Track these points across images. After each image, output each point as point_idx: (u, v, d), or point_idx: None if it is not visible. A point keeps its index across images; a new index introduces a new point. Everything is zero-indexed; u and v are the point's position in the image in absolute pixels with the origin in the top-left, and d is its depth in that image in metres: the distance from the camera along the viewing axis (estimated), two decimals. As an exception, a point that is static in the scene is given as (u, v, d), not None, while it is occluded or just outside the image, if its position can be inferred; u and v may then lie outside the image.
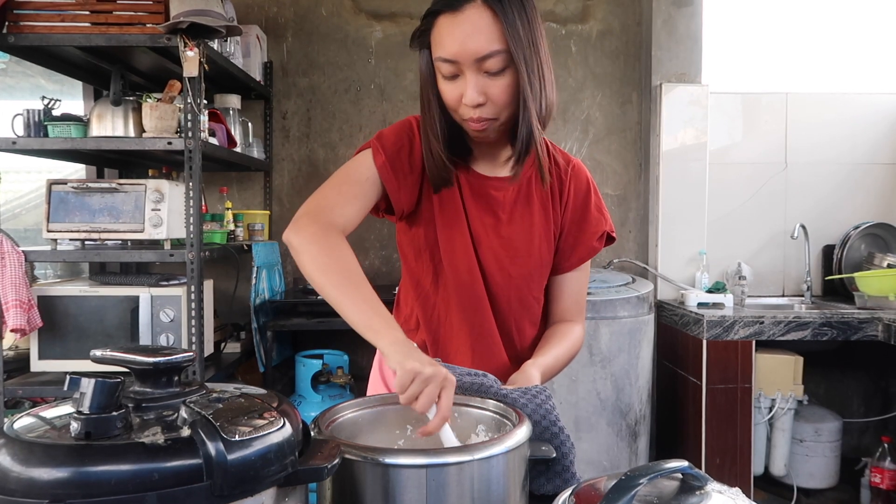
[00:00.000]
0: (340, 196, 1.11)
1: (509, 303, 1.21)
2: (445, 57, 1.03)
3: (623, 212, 3.32)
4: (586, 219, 1.24)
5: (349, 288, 0.99)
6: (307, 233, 1.04)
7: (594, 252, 1.25)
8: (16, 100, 3.60)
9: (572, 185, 1.22)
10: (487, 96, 1.03)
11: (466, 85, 1.03)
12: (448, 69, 1.04)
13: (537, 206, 1.20)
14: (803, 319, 2.70)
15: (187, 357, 0.63)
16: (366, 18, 3.22)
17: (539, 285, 1.24)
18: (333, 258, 1.02)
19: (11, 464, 0.52)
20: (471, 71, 1.02)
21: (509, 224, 1.18)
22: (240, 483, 0.55)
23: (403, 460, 0.72)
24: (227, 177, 3.20)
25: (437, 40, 1.04)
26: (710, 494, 0.62)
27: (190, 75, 2.11)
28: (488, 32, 1.00)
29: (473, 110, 1.04)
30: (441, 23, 1.03)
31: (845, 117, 3.31)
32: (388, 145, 1.14)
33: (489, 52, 1.00)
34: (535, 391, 0.97)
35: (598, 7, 3.25)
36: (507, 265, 1.19)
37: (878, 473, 2.78)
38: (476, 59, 1.01)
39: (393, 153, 1.13)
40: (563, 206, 1.22)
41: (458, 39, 1.01)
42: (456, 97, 1.05)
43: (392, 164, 1.12)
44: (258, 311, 2.74)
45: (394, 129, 1.17)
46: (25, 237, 3.29)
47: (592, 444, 2.64)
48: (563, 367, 1.23)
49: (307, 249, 1.03)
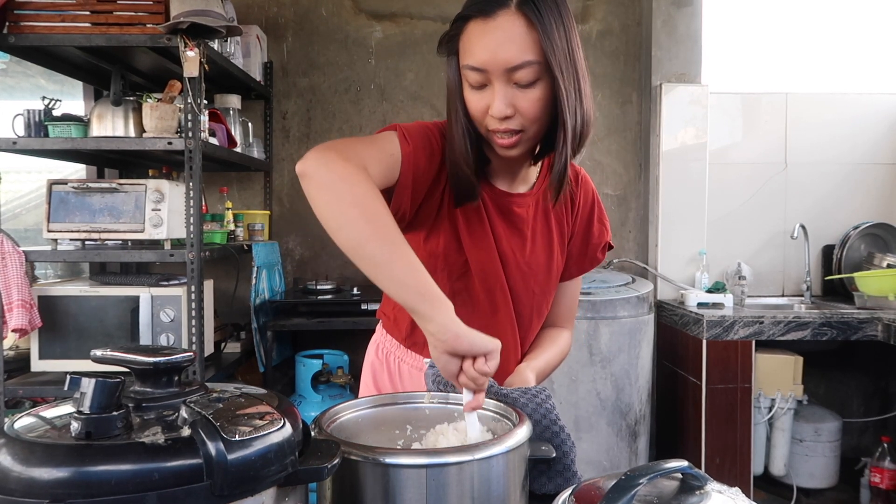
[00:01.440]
0: (370, 154, 0.97)
1: (530, 318, 1.21)
2: (474, 65, 0.97)
3: (623, 212, 3.32)
4: (591, 231, 1.24)
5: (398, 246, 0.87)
6: (341, 170, 0.89)
7: (597, 263, 1.26)
8: (16, 100, 3.60)
9: (581, 196, 1.21)
10: (516, 109, 0.97)
11: (494, 96, 0.97)
12: (476, 78, 0.98)
13: (554, 219, 1.19)
14: (803, 319, 2.70)
15: (187, 357, 0.63)
16: (366, 18, 3.22)
17: (552, 295, 1.24)
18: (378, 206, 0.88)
19: (12, 463, 0.52)
20: (500, 81, 0.96)
21: (533, 241, 1.17)
22: (240, 483, 0.55)
23: (403, 460, 0.72)
24: (228, 177, 3.20)
25: (465, 47, 0.98)
26: (709, 494, 0.62)
27: (190, 75, 2.11)
28: (521, 42, 0.94)
29: (500, 122, 0.98)
30: (471, 29, 0.97)
31: (845, 117, 3.31)
32: (414, 139, 1.04)
33: (521, 62, 0.94)
34: (535, 391, 0.97)
35: (598, 7, 3.25)
36: (532, 283, 1.17)
37: (878, 473, 2.78)
38: (506, 70, 0.95)
39: (418, 149, 1.04)
40: (574, 218, 1.22)
41: (488, 48, 0.95)
42: (482, 108, 0.99)
43: (416, 159, 1.03)
44: (258, 311, 2.74)
45: (420, 126, 1.08)
46: (26, 237, 3.29)
47: (592, 444, 2.64)
48: (553, 370, 1.23)
49: (342, 189, 0.88)
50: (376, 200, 0.89)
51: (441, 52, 1.05)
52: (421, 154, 1.04)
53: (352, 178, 0.89)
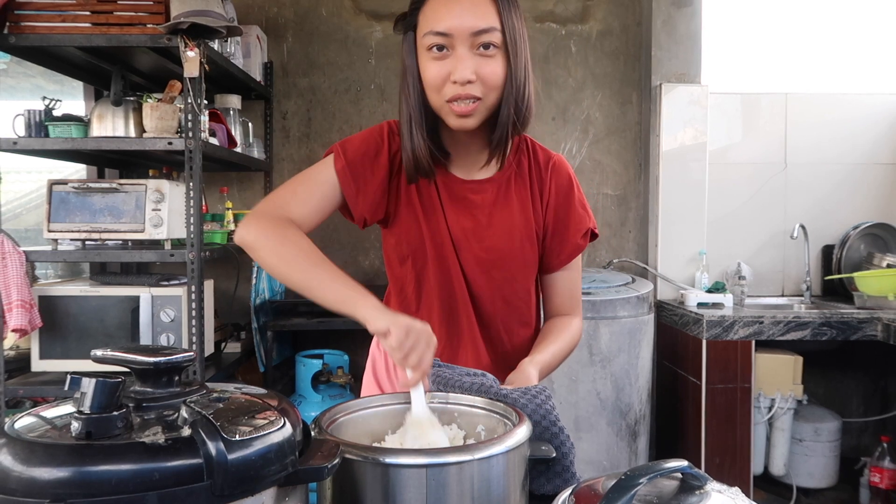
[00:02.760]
0: (294, 195, 1.11)
1: (494, 305, 1.20)
2: (439, 30, 1.02)
3: (623, 212, 3.32)
4: (570, 216, 1.22)
5: (315, 270, 1.01)
6: (259, 227, 1.04)
7: (579, 250, 1.24)
8: (16, 100, 3.61)
9: (553, 182, 1.21)
10: (478, 75, 1.03)
11: (457, 61, 1.02)
12: (438, 41, 1.03)
13: (517, 206, 1.19)
14: (803, 319, 2.70)
15: (187, 357, 0.63)
16: (366, 19, 3.22)
17: (525, 286, 1.23)
18: (291, 246, 1.02)
19: (12, 463, 0.52)
20: (463, 46, 1.02)
21: (489, 227, 1.17)
22: (240, 483, 0.55)
23: (403, 460, 0.72)
24: (228, 177, 3.21)
25: (429, 15, 1.04)
26: (709, 494, 0.62)
27: (190, 75, 2.11)
28: (486, 10, 1.01)
29: (461, 87, 1.03)
30: (434, 1, 1.04)
31: (845, 117, 3.31)
32: (350, 150, 1.14)
33: (487, 26, 1.01)
34: (535, 391, 0.97)
35: (598, 7, 3.25)
36: (490, 268, 1.18)
37: (878, 473, 2.78)
38: (472, 33, 1.01)
39: (355, 158, 1.13)
40: (545, 205, 1.21)
41: (454, 12, 1.01)
42: (443, 75, 1.04)
43: (352, 170, 1.12)
44: (258, 311, 2.74)
45: (362, 134, 1.17)
46: (26, 237, 3.30)
47: (592, 443, 2.64)
48: (562, 360, 1.22)
49: (263, 244, 1.03)
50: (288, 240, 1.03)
51: (398, 29, 1.11)
52: (358, 163, 1.13)
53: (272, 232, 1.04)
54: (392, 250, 1.22)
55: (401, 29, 1.10)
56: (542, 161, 1.21)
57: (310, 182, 1.13)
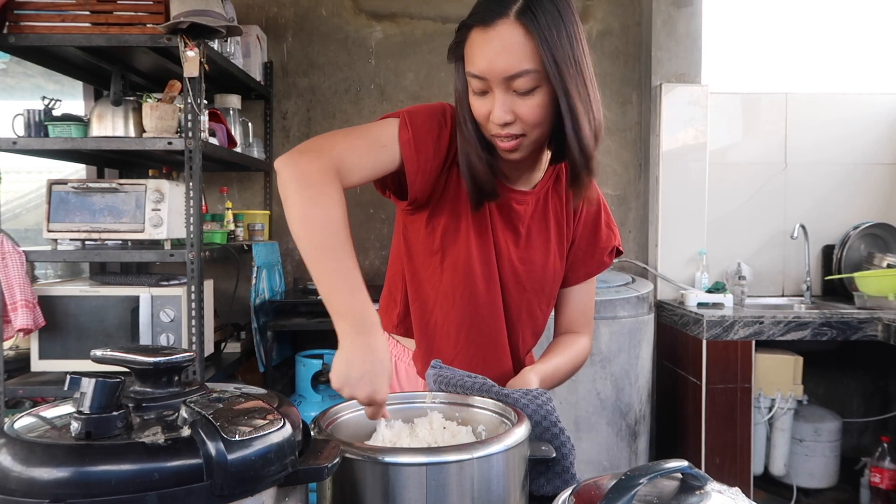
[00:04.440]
0: (352, 148, 1.02)
1: (520, 315, 1.21)
2: (474, 73, 0.99)
3: (623, 212, 3.32)
4: (597, 234, 1.24)
5: (328, 250, 0.93)
6: (302, 168, 0.96)
7: (604, 267, 1.26)
8: (16, 100, 3.61)
9: (585, 199, 1.20)
10: (516, 115, 0.99)
11: (494, 102, 0.99)
12: (478, 85, 1.00)
13: (553, 220, 1.19)
14: (803, 319, 2.70)
15: (187, 357, 0.63)
16: (366, 18, 3.22)
17: (548, 299, 1.24)
18: (322, 210, 0.94)
19: (12, 463, 0.52)
20: (499, 89, 0.98)
21: (527, 238, 1.18)
22: (240, 483, 0.55)
23: (403, 459, 0.72)
24: (228, 177, 3.20)
25: (468, 55, 1.01)
26: (709, 494, 0.62)
27: (190, 75, 2.11)
28: (519, 51, 0.95)
29: (500, 128, 1.01)
30: (473, 37, 0.99)
31: (845, 117, 3.31)
32: (417, 123, 1.07)
33: (518, 71, 0.95)
34: (536, 393, 0.97)
35: (598, 7, 3.25)
36: (524, 279, 1.18)
37: (878, 473, 2.78)
38: (504, 78, 0.97)
39: (421, 133, 1.06)
40: (577, 221, 1.22)
41: (487, 56, 0.97)
42: (484, 113, 1.01)
43: (417, 144, 1.05)
44: (258, 311, 2.74)
45: (426, 108, 1.10)
46: (26, 237, 3.29)
47: (592, 444, 2.64)
48: (566, 377, 1.21)
49: (297, 190, 0.95)
50: (323, 202, 0.94)
51: (449, 59, 1.06)
52: (425, 138, 1.06)
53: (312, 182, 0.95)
54: (421, 242, 1.16)
55: (451, 59, 1.06)
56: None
57: (370, 140, 1.04)
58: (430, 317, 1.19)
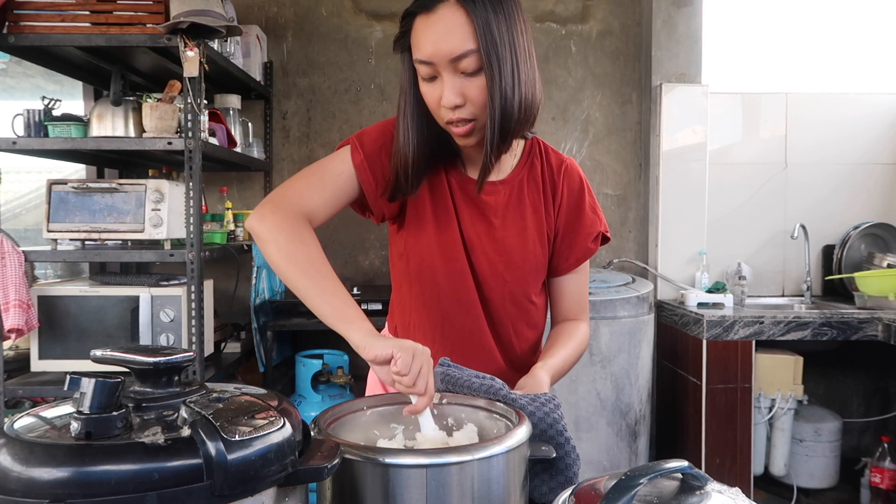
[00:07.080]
0: (309, 187, 1.09)
1: (504, 307, 1.20)
2: (422, 59, 1.01)
3: (623, 212, 3.32)
4: (581, 220, 1.22)
5: (318, 279, 0.99)
6: (272, 220, 1.03)
7: (590, 253, 1.24)
8: (16, 100, 3.60)
9: (565, 185, 1.21)
10: (465, 97, 1.01)
11: (444, 86, 1.01)
12: (426, 71, 1.02)
13: (529, 208, 1.19)
14: (803, 319, 2.70)
15: (187, 357, 0.63)
16: (366, 18, 3.22)
17: (534, 288, 1.23)
18: (301, 247, 1.01)
19: (12, 463, 0.52)
20: (447, 72, 1.00)
21: (502, 228, 1.17)
22: (240, 483, 0.55)
23: (404, 460, 0.72)
24: (227, 177, 3.20)
25: (414, 42, 1.03)
26: (709, 494, 0.62)
27: (190, 75, 2.11)
28: (461, 32, 0.98)
29: (452, 112, 1.02)
30: (417, 24, 1.02)
31: (845, 117, 3.31)
32: (368, 143, 1.12)
33: (462, 51, 0.98)
34: (545, 399, 0.95)
35: (598, 7, 3.25)
36: (502, 270, 1.18)
37: (878, 473, 2.78)
38: (450, 60, 0.99)
39: (373, 152, 1.11)
40: (557, 208, 1.21)
41: (431, 40, 0.99)
42: (435, 99, 1.03)
43: (370, 164, 1.11)
44: (258, 311, 2.74)
45: (376, 127, 1.15)
46: (25, 237, 3.29)
47: (592, 444, 2.64)
48: (572, 365, 1.21)
49: (273, 238, 1.01)
50: (299, 241, 1.01)
51: (396, 49, 1.09)
52: (378, 155, 1.12)
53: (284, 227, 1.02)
54: (400, 248, 1.20)
55: (398, 49, 1.08)
56: (554, 164, 1.21)
57: (326, 174, 1.11)
58: (409, 318, 1.22)
